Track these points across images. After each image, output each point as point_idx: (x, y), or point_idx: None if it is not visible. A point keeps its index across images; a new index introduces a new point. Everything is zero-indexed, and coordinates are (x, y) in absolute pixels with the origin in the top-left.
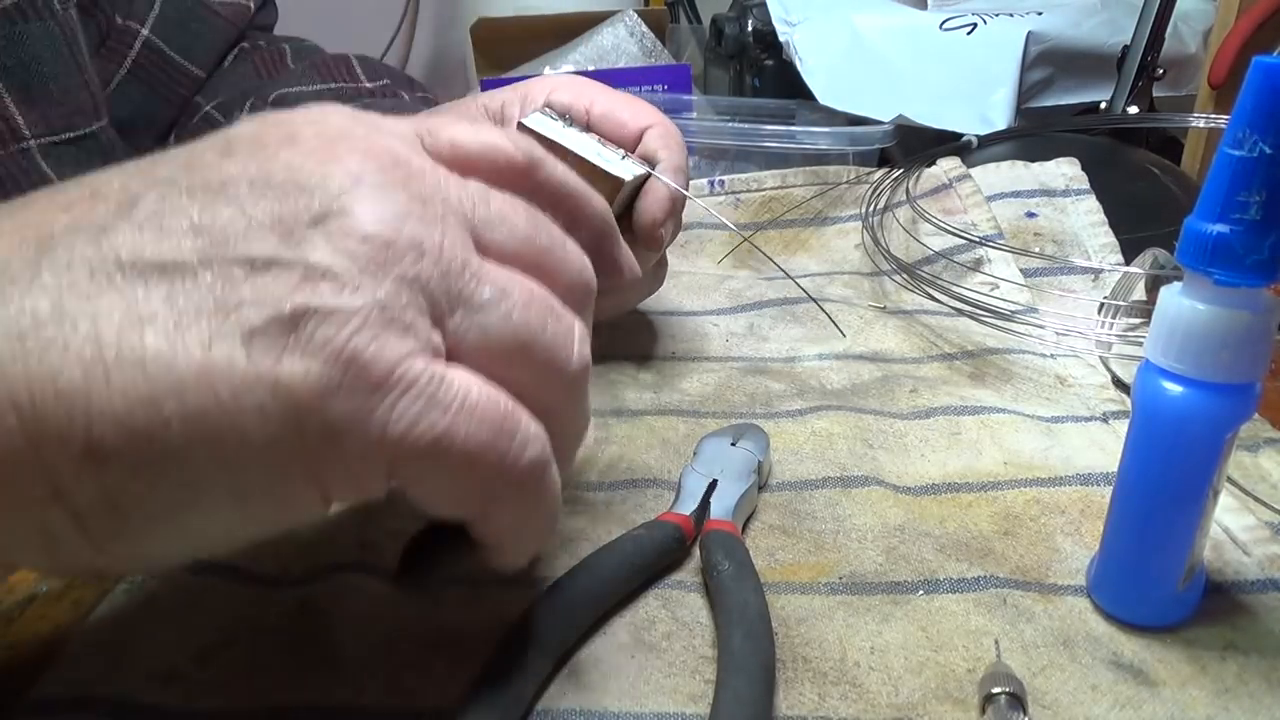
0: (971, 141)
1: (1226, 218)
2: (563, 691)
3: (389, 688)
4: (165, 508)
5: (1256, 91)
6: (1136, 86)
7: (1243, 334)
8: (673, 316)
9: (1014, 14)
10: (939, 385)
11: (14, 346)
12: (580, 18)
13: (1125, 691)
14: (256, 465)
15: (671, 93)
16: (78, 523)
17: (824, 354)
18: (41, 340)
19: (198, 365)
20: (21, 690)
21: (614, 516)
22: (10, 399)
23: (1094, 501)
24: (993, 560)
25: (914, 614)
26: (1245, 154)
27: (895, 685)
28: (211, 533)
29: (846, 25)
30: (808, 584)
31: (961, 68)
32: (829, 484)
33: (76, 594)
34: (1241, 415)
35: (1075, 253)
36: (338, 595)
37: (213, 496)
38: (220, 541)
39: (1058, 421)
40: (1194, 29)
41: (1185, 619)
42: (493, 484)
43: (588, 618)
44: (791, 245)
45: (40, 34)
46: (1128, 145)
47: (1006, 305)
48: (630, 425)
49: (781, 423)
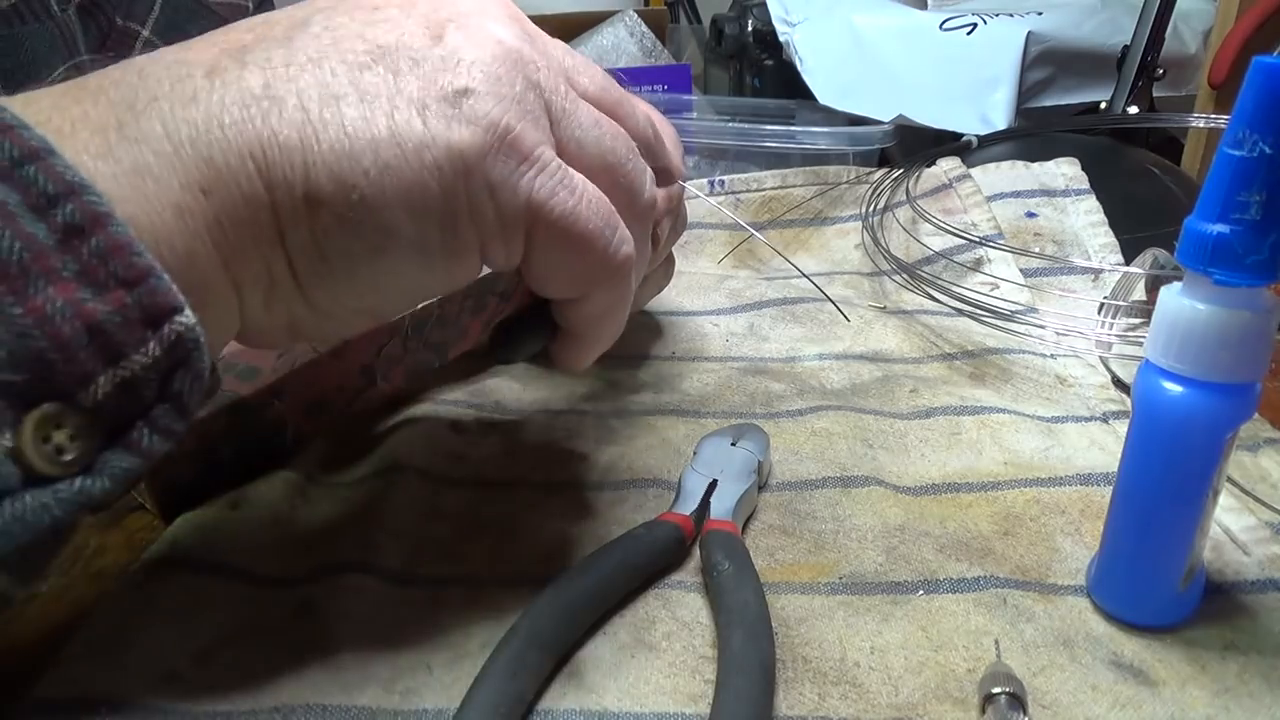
0: (971, 141)
1: (1226, 218)
2: (563, 691)
3: (389, 688)
4: (363, 254)
5: (1256, 91)
6: (1136, 86)
7: (1243, 334)
8: (673, 316)
9: (1014, 14)
10: (939, 385)
11: (243, 113)
12: (580, 18)
13: (1125, 691)
14: (434, 215)
15: (671, 93)
16: (292, 265)
17: (824, 354)
18: (263, 107)
19: (385, 129)
20: (21, 690)
21: (614, 516)
22: (248, 152)
23: (1094, 501)
24: (993, 560)
25: (914, 614)
26: (1245, 154)
27: (895, 685)
28: (397, 286)
29: (846, 25)
30: (808, 584)
31: (961, 68)
32: (829, 484)
33: (76, 594)
34: (1241, 415)
35: (1075, 253)
36: (338, 595)
37: (400, 245)
38: (402, 298)
39: (1058, 421)
40: (1194, 29)
41: (1185, 619)
42: (597, 267)
43: (588, 618)
44: (791, 245)
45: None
46: (1128, 145)
47: (1006, 305)
48: (630, 425)
49: (781, 423)
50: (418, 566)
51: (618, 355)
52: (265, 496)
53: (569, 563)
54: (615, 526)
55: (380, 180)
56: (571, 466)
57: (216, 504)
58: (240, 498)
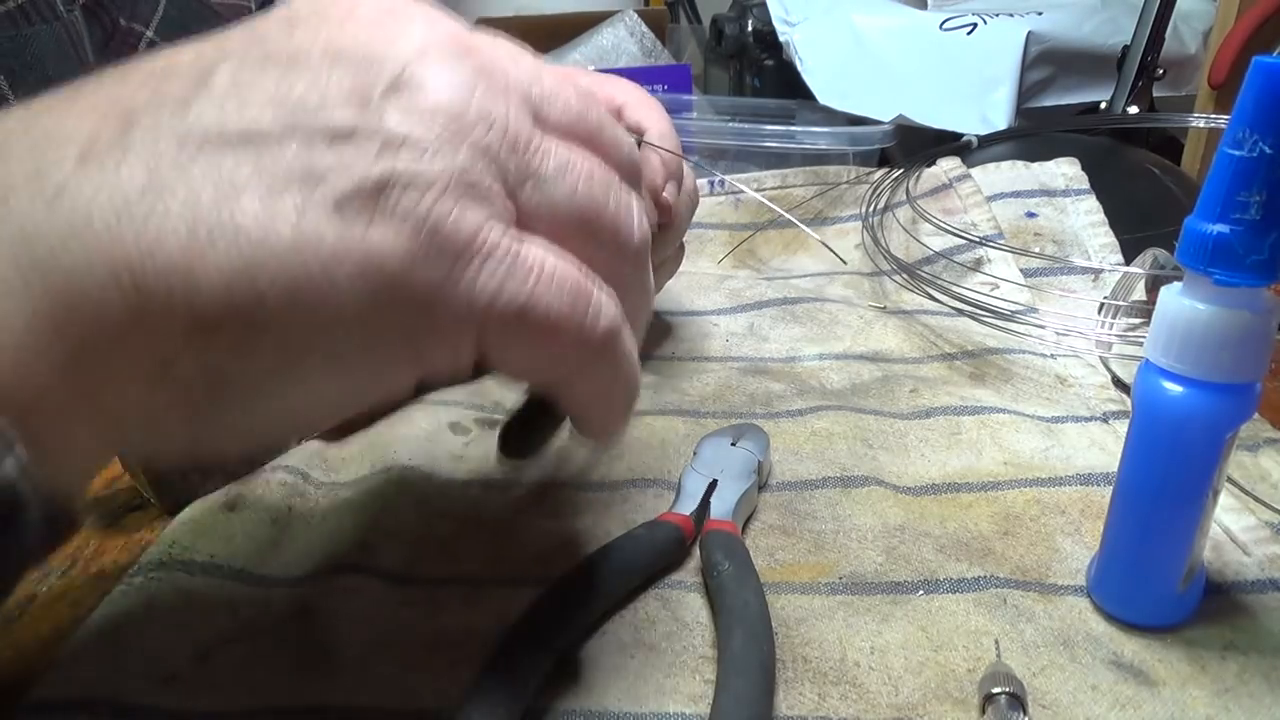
0: (971, 141)
1: (1226, 218)
2: (563, 691)
3: (389, 688)
4: (266, 378)
5: (1256, 91)
6: (1136, 86)
7: (1243, 334)
8: (673, 316)
9: (1014, 14)
10: (939, 385)
11: (115, 219)
12: (580, 18)
13: (1125, 691)
14: (351, 333)
15: (671, 93)
16: (185, 395)
17: (824, 354)
18: (141, 211)
19: (290, 235)
20: (21, 690)
21: (614, 516)
22: (115, 271)
23: (1094, 501)
24: (993, 560)
25: (914, 614)
26: (1245, 154)
27: (895, 685)
28: (310, 407)
29: (846, 25)
30: (808, 584)
31: (961, 68)
32: (829, 484)
33: (76, 594)
34: (1241, 415)
35: (1075, 253)
36: (338, 595)
37: (310, 367)
38: (318, 417)
39: (1058, 421)
40: (1194, 29)
41: (1185, 619)
42: (573, 351)
43: (588, 618)
44: (792, 245)
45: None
46: (1128, 145)
47: (1006, 305)
48: (630, 425)
49: (781, 423)
50: (417, 566)
51: None
52: (264, 497)
53: (569, 563)
54: (615, 526)
55: (284, 298)
56: (571, 466)
57: (215, 505)
58: (239, 498)
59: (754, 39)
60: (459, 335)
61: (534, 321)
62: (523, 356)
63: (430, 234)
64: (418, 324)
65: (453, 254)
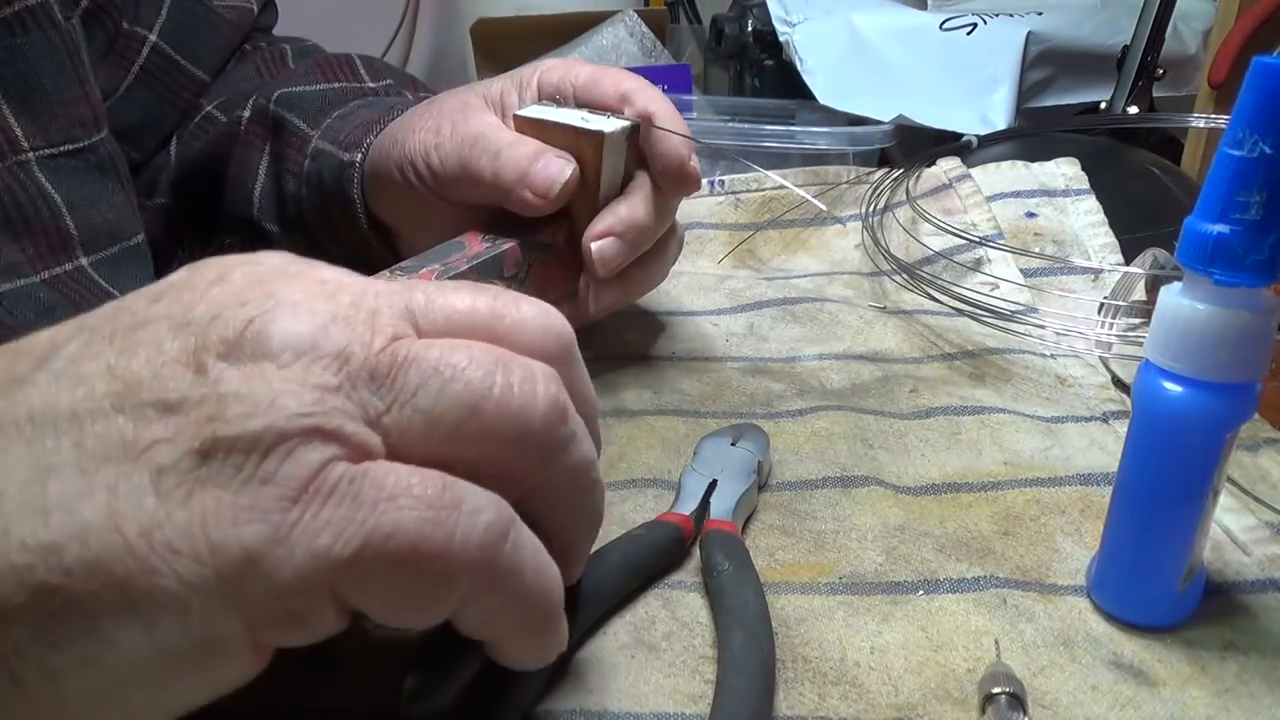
0: (971, 141)
1: (1226, 218)
2: (563, 691)
3: (389, 688)
4: (73, 672)
5: (1256, 91)
6: (1136, 86)
7: (1243, 334)
8: (673, 316)
9: (1014, 14)
10: (939, 385)
11: None
12: (580, 18)
13: (1125, 691)
14: (172, 616)
15: (671, 93)
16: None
17: (824, 354)
18: None
19: (103, 508)
20: None
21: (614, 516)
22: None
23: (1094, 501)
24: (993, 560)
25: (914, 614)
26: (1245, 154)
27: (895, 685)
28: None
29: (846, 25)
30: (808, 584)
31: (961, 68)
32: (829, 484)
33: None
34: (1241, 415)
35: (1075, 253)
36: None
37: (128, 657)
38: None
39: (1058, 421)
40: (1194, 29)
41: (1185, 619)
42: (447, 570)
43: (588, 618)
44: (792, 245)
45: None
46: (1128, 145)
47: (1006, 305)
48: (630, 425)
49: (781, 423)
50: None
51: (618, 355)
52: None
53: None
54: (615, 526)
55: (90, 579)
56: None
57: None
58: None
59: (754, 39)
60: (305, 594)
61: (387, 548)
62: (393, 595)
63: (255, 492)
64: (252, 592)
65: (282, 507)
